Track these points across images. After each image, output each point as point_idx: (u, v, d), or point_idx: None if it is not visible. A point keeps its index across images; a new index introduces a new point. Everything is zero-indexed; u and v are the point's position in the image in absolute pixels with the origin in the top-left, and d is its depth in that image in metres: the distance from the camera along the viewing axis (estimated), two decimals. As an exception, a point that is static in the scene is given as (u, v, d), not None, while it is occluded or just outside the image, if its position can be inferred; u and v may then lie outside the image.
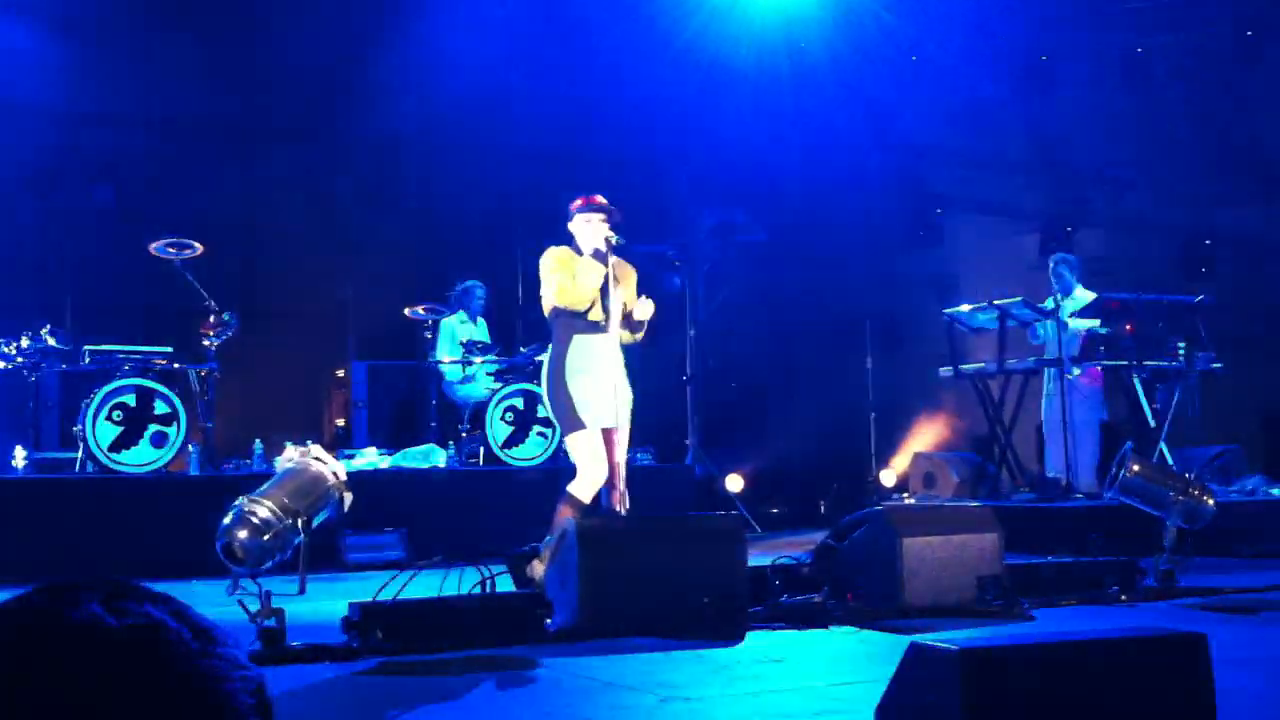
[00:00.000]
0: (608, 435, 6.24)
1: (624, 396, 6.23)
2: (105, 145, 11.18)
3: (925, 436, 13.18)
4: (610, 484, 6.22)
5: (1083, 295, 9.68)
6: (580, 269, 6.17)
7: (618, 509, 6.16)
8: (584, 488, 6.18)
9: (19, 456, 8.19)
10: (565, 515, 6.06)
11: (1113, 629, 2.97)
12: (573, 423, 6.17)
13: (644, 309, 6.36)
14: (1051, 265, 9.88)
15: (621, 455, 6.22)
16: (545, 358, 6.38)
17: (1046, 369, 9.50)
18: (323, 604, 5.78)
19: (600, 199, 6.31)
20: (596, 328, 6.18)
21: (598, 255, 6.19)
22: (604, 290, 6.20)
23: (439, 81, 11.61)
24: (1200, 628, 2.94)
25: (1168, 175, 13.43)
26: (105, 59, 10.77)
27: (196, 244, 8.33)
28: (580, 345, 6.18)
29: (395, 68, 11.54)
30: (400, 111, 11.68)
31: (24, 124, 10.76)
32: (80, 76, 10.75)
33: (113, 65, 10.83)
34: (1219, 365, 9.51)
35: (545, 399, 6.37)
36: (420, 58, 11.60)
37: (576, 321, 6.19)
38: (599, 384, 6.14)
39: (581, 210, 6.28)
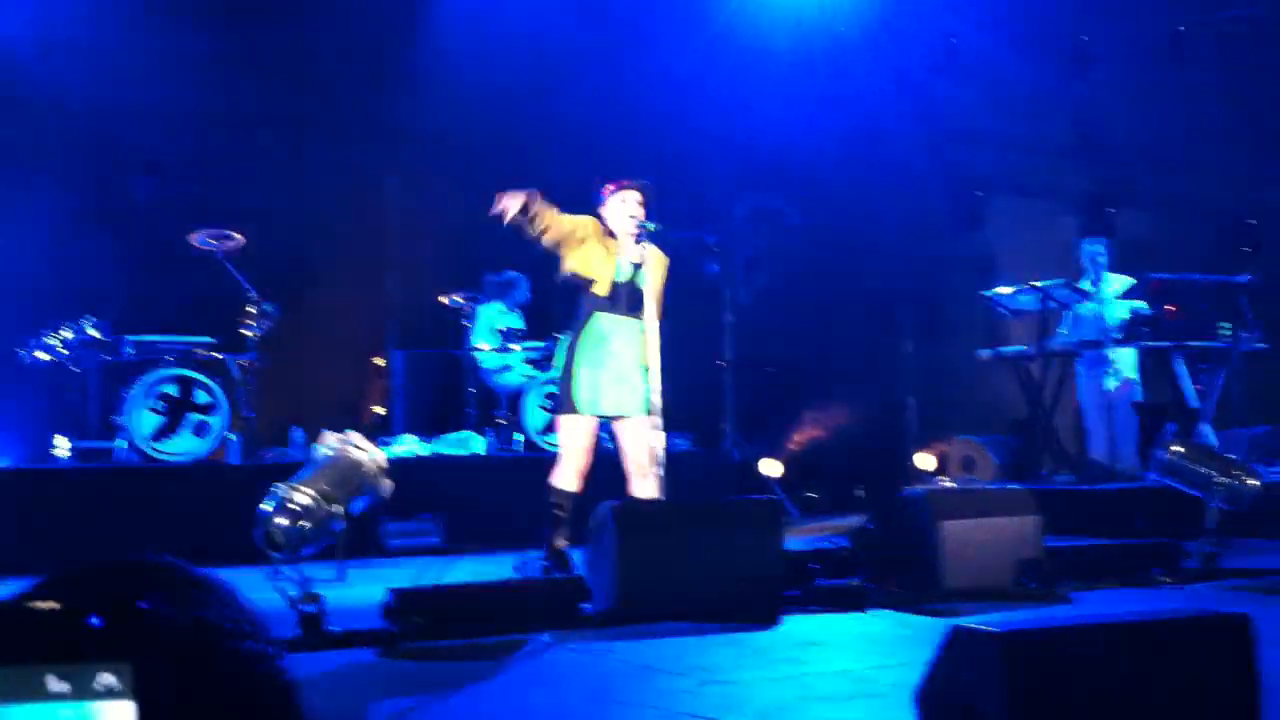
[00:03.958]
0: (616, 424, 6.22)
1: (636, 386, 6.10)
2: (147, 137, 11.25)
3: (964, 420, 13.10)
4: (634, 472, 6.20)
5: (1114, 278, 9.60)
6: (610, 251, 6.15)
7: (637, 495, 6.13)
8: (564, 476, 6.17)
9: (62, 446, 8.27)
10: (557, 510, 6.10)
11: (1155, 610, 2.94)
12: (567, 404, 6.15)
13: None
14: (1085, 248, 9.79)
15: (640, 442, 6.13)
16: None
17: (1084, 352, 9.43)
18: (362, 590, 5.81)
19: (628, 180, 6.28)
20: (617, 311, 6.15)
21: (636, 239, 6.16)
22: (634, 274, 6.18)
23: (478, 72, 11.62)
24: (1243, 609, 2.91)
25: (1211, 155, 13.28)
26: (148, 51, 10.83)
27: (237, 235, 8.39)
28: (598, 326, 6.14)
29: (436, 59, 11.56)
30: (440, 102, 11.69)
31: (67, 116, 10.85)
32: (124, 69, 10.82)
33: (156, 58, 10.89)
34: (1263, 345, 9.40)
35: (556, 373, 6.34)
36: (460, 49, 11.62)
37: (599, 301, 6.16)
38: (609, 370, 6.10)
39: (613, 192, 6.25)
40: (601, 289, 6.13)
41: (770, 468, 11.83)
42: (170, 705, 1.03)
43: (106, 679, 1.13)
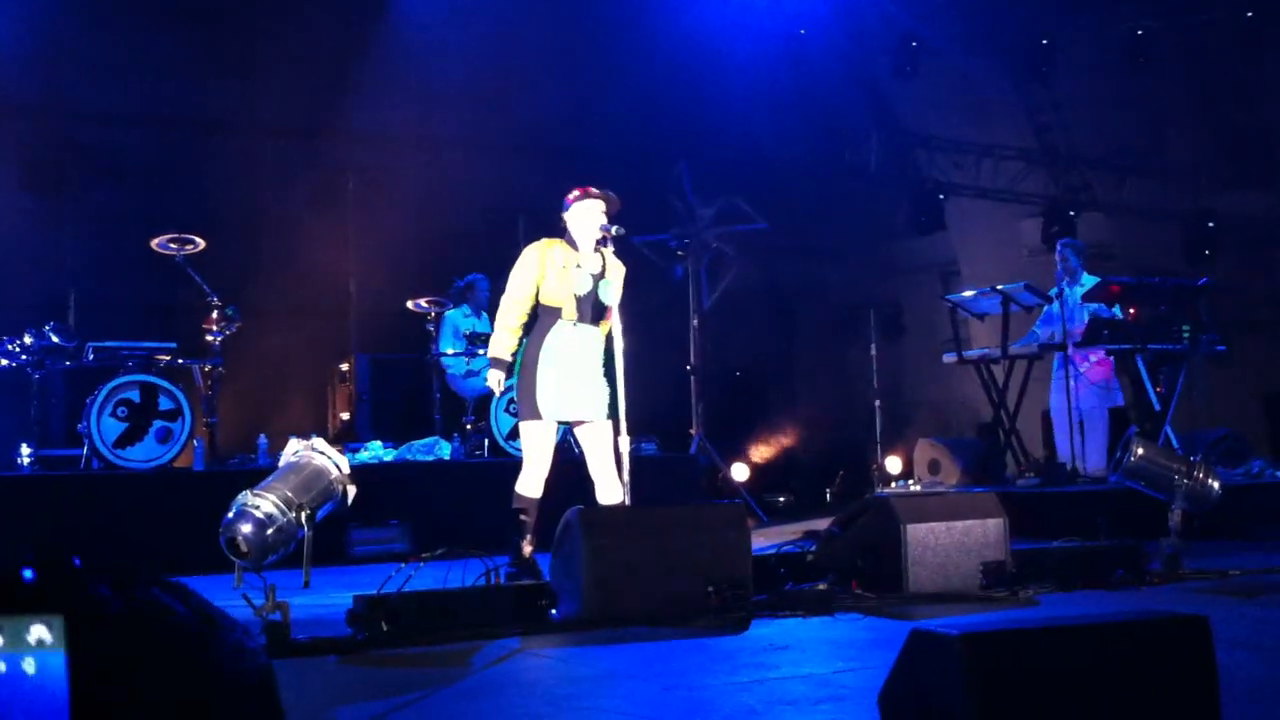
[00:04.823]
0: (580, 429, 6.25)
1: (597, 391, 6.18)
2: (108, 142, 11.18)
3: (929, 423, 13.18)
4: (599, 477, 6.22)
5: (1088, 280, 9.67)
6: (571, 268, 6.16)
7: (603, 500, 6.15)
8: (528, 482, 6.21)
9: (24, 454, 8.19)
10: (522, 516, 6.13)
11: (1115, 612, 2.97)
12: (528, 411, 6.18)
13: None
14: (1059, 250, 9.87)
15: (603, 447, 6.18)
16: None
17: (1054, 355, 9.49)
18: (328, 597, 5.80)
19: (596, 190, 6.30)
20: (575, 320, 6.17)
21: (598, 244, 6.19)
22: (595, 283, 6.19)
23: (440, 75, 11.61)
24: (1205, 610, 2.94)
25: (1170, 159, 13.42)
26: (108, 56, 10.76)
27: (199, 239, 8.33)
28: (556, 335, 6.16)
29: (397, 61, 11.54)
30: (403, 104, 11.67)
31: (27, 121, 10.77)
32: (83, 74, 10.75)
33: (115, 62, 10.83)
34: (1222, 348, 9.50)
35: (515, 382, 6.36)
36: (421, 51, 11.60)
37: (559, 311, 6.19)
38: (567, 376, 6.12)
39: (580, 199, 6.26)
40: (565, 310, 6.16)
41: (737, 471, 11.86)
42: (102, 660, 1.04)
43: (39, 631, 1.14)
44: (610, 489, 6.17)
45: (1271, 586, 5.89)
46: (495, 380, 6.36)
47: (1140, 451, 6.42)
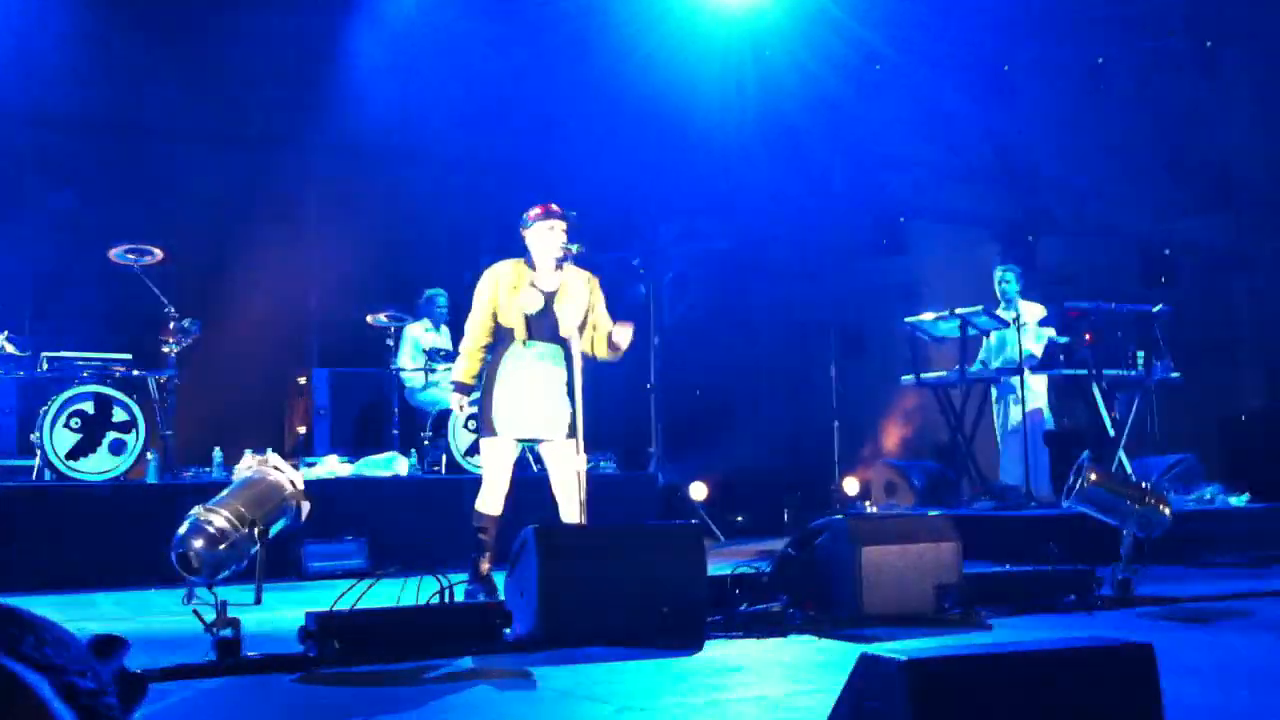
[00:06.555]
0: (541, 448, 6.27)
1: (556, 409, 6.17)
2: (66, 149, 11.09)
3: (887, 445, 13.24)
4: (561, 496, 6.22)
5: (1026, 306, 9.75)
6: (522, 288, 6.17)
7: (566, 520, 6.16)
8: (487, 499, 6.23)
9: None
10: (481, 534, 6.13)
11: (1062, 639, 2.99)
12: (486, 428, 6.21)
13: (623, 334, 6.29)
14: (998, 275, 9.96)
15: (565, 467, 6.17)
16: None
17: (1003, 378, 9.58)
18: (281, 613, 5.76)
19: (556, 207, 6.31)
20: (535, 337, 6.18)
21: (557, 264, 6.21)
22: (549, 302, 6.20)
23: (404, 90, 11.60)
24: (1154, 637, 2.97)
25: (1127, 184, 13.55)
26: (67, 62, 10.68)
27: (156, 250, 8.27)
28: (511, 354, 6.18)
29: (361, 76, 11.51)
30: (365, 119, 11.64)
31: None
32: (41, 79, 10.66)
33: (74, 67, 10.75)
34: (1177, 374, 9.60)
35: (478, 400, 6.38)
36: (386, 67, 11.59)
37: (510, 331, 6.20)
38: (525, 394, 6.14)
39: (541, 219, 6.26)
40: (517, 330, 6.17)
41: (695, 490, 11.87)
42: None
43: None
44: (572, 509, 6.16)
45: (1220, 613, 5.94)
46: (455, 402, 6.46)
47: (1093, 477, 6.47)
